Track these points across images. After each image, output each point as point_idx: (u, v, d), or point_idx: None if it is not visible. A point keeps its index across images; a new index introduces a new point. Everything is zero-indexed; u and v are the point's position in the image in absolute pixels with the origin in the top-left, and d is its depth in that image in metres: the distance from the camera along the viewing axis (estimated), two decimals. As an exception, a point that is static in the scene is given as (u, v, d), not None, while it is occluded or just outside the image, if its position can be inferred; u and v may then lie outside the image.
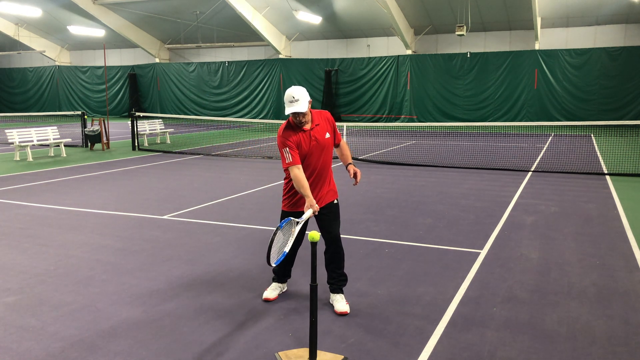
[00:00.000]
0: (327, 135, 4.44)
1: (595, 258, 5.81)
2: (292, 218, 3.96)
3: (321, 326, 4.13)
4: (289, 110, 4.17)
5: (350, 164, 4.63)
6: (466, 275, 5.29)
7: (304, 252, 5.91)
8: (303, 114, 4.24)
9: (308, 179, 4.32)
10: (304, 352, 3.72)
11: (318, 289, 3.80)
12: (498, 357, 3.68)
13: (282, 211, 4.60)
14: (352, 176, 4.53)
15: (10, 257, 5.93)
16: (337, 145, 4.65)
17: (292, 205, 4.50)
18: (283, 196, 4.59)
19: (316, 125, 4.39)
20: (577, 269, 5.46)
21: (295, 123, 4.30)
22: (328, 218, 4.47)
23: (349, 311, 4.43)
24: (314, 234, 3.55)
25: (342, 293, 4.57)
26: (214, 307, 4.55)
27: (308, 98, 4.24)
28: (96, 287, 5.02)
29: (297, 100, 4.14)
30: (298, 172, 4.20)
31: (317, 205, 4.17)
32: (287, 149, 4.24)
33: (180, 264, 5.68)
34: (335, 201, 4.57)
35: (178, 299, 4.73)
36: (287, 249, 3.78)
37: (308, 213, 4.07)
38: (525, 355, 3.71)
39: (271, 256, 3.61)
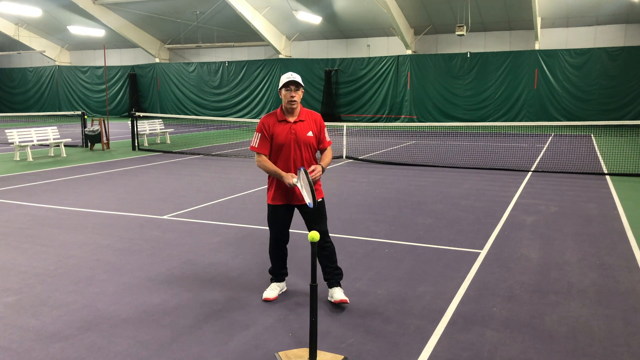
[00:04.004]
0: (310, 133, 4.48)
1: (595, 258, 5.81)
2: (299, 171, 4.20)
3: (321, 326, 4.13)
4: (286, 79, 4.34)
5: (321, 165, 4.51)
6: (466, 275, 5.29)
7: (302, 253, 5.91)
8: (297, 87, 4.37)
9: (287, 172, 4.40)
10: (304, 352, 3.72)
11: (320, 292, 3.79)
12: (498, 357, 3.68)
13: (268, 205, 4.62)
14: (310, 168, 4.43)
15: (10, 257, 5.93)
16: (321, 151, 4.64)
17: (276, 198, 4.53)
18: (267, 190, 4.64)
19: (300, 120, 4.48)
20: (577, 269, 5.46)
21: (285, 108, 4.44)
22: (312, 216, 4.51)
23: (348, 300, 4.48)
24: (314, 234, 3.56)
25: (340, 286, 4.62)
26: (214, 307, 4.55)
27: (303, 85, 4.43)
28: (96, 287, 5.02)
29: (295, 77, 4.37)
30: (259, 159, 4.47)
31: (291, 177, 4.31)
32: (259, 134, 4.48)
33: (180, 264, 5.68)
34: (319, 200, 4.55)
35: (178, 299, 4.73)
36: (309, 201, 4.05)
37: (294, 183, 4.26)
38: (525, 355, 3.71)
39: (306, 198, 4.09)
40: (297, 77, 4.39)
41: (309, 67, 31.74)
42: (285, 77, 4.38)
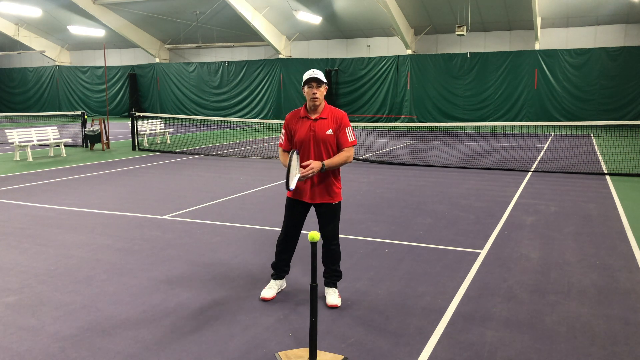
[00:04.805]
0: (330, 131, 4.47)
1: (595, 258, 5.81)
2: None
3: (321, 326, 4.13)
4: (307, 76, 4.38)
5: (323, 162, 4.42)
6: (466, 275, 5.29)
7: (303, 252, 5.91)
8: (319, 84, 4.40)
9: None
10: (304, 352, 3.72)
11: (318, 289, 3.80)
12: (498, 357, 3.68)
13: (287, 198, 4.70)
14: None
15: (10, 257, 5.93)
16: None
17: (294, 192, 4.56)
18: None
19: (322, 118, 4.48)
20: (577, 269, 5.46)
21: (309, 105, 4.48)
22: (324, 217, 4.57)
23: (339, 304, 4.52)
24: (314, 234, 3.56)
25: (335, 287, 4.67)
26: (214, 307, 4.55)
27: (325, 82, 4.47)
28: (96, 287, 5.02)
29: (316, 74, 4.39)
30: (282, 153, 4.65)
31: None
32: (283, 131, 4.64)
33: (180, 264, 5.68)
34: (335, 203, 4.58)
35: (178, 299, 4.73)
36: (292, 186, 4.18)
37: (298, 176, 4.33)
38: (525, 355, 3.71)
39: (290, 182, 4.11)
40: (319, 74, 4.39)
41: (309, 67, 31.68)
42: (307, 75, 4.41)
